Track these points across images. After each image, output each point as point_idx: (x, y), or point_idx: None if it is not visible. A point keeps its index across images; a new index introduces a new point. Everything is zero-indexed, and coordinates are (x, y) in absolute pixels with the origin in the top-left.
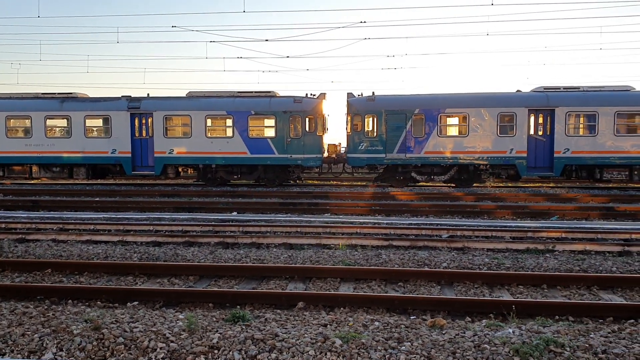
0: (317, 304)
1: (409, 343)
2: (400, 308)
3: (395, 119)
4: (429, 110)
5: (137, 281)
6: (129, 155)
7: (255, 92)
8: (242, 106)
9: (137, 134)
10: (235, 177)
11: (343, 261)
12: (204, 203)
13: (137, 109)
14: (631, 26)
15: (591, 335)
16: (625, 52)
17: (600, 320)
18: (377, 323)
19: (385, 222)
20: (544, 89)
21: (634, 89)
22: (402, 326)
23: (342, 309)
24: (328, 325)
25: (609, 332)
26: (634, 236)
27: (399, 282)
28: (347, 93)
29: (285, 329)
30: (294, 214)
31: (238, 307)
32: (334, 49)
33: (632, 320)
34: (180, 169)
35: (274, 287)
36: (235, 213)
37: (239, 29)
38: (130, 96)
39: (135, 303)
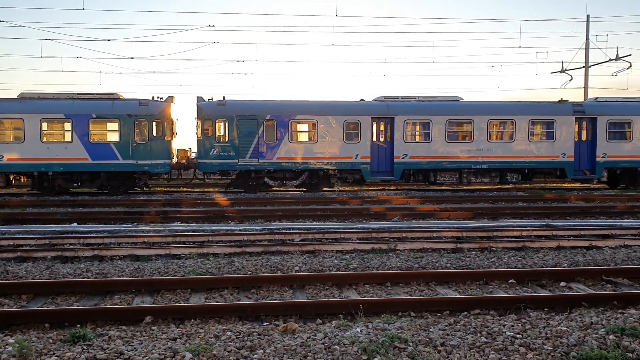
0: (166, 318)
1: (262, 350)
2: (253, 315)
3: (247, 125)
4: (280, 117)
5: None
6: None
7: (97, 94)
8: (83, 109)
9: None
10: (75, 185)
11: (194, 271)
12: (39, 214)
13: None
14: (460, 42)
15: (431, 329)
16: (455, 65)
17: (439, 314)
18: (229, 333)
19: (238, 228)
20: (385, 98)
21: (462, 99)
22: (255, 334)
23: (192, 320)
24: (178, 339)
25: (446, 325)
26: (464, 234)
27: (252, 289)
28: (197, 97)
29: (132, 346)
30: (141, 224)
31: (78, 326)
32: (182, 52)
33: (465, 313)
34: (11, 177)
35: (119, 302)
36: (75, 224)
37: (78, 27)
38: None
39: None
